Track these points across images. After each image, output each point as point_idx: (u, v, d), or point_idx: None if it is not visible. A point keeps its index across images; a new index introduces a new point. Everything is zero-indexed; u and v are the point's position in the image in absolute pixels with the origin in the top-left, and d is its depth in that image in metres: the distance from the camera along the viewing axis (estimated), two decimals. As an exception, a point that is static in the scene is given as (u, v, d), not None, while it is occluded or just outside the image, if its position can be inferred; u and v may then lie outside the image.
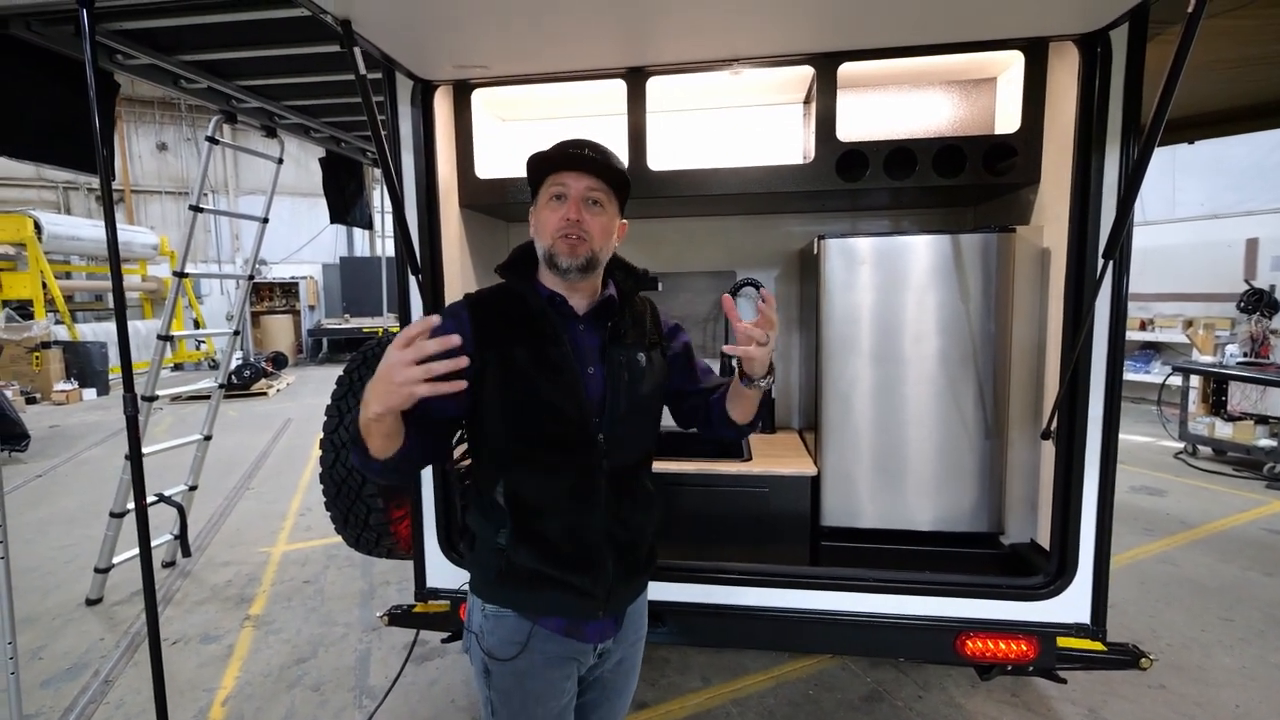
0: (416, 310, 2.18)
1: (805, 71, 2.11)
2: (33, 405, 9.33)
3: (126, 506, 3.42)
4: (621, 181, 1.26)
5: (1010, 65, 2.23)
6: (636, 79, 2.10)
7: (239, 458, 6.50)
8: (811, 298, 2.49)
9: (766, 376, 1.27)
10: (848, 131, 2.14)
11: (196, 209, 3.56)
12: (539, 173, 1.26)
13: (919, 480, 2.26)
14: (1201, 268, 7.97)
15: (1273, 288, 6.31)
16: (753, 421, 1.39)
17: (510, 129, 2.78)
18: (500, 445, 1.27)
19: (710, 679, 2.75)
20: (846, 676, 2.75)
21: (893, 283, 2.22)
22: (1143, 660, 1.92)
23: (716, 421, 1.41)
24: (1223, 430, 5.73)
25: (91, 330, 11.19)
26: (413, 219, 2.12)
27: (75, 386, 9.75)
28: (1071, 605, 1.95)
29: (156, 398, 3.44)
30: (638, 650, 1.45)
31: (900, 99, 2.50)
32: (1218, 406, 5.87)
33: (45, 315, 10.23)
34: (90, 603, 3.52)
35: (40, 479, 5.91)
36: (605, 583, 1.28)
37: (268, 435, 7.51)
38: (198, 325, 13.08)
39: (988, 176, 2.08)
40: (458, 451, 1.86)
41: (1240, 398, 5.67)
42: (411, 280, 2.13)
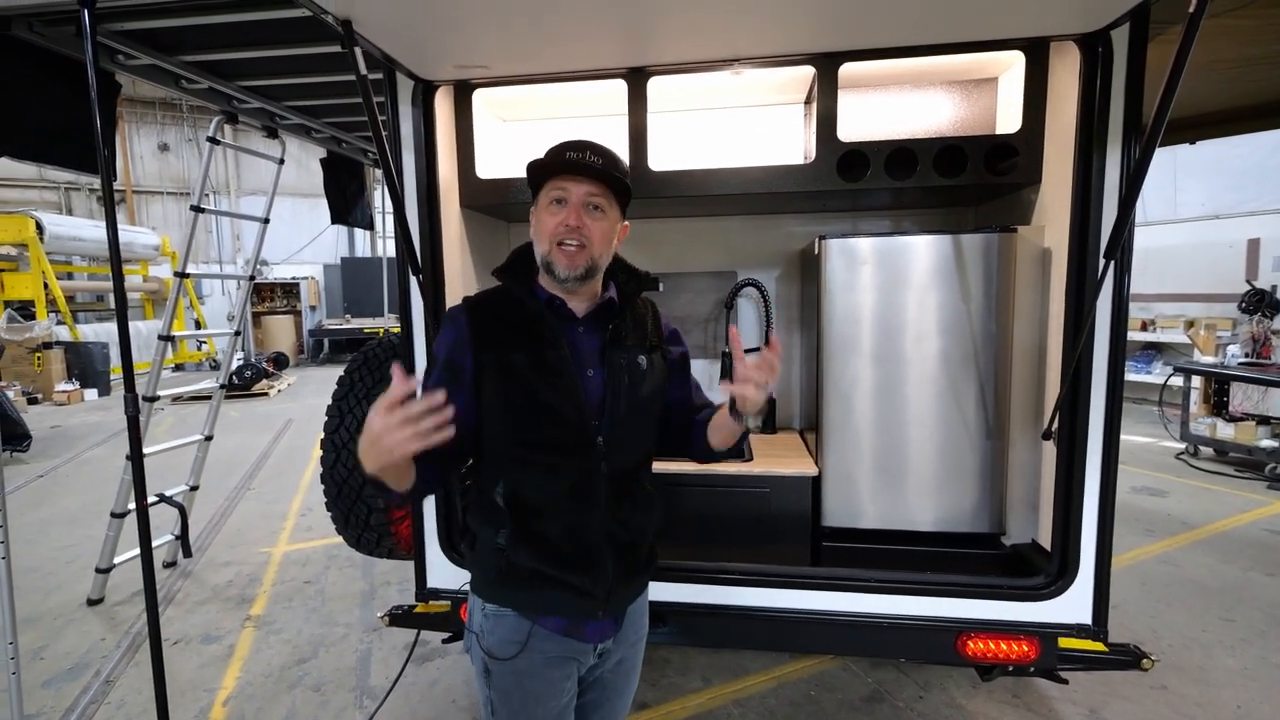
0: (417, 310, 2.18)
1: (806, 71, 2.11)
2: (34, 405, 9.35)
3: (128, 507, 3.42)
4: (622, 186, 1.25)
5: (1011, 65, 2.23)
6: (637, 79, 2.10)
7: (240, 458, 6.51)
8: (812, 298, 2.49)
9: (757, 415, 1.26)
10: (849, 131, 2.13)
11: (198, 209, 3.57)
12: (540, 175, 1.26)
13: (920, 481, 2.26)
14: (1203, 268, 7.97)
15: (1274, 288, 6.30)
16: (730, 450, 1.39)
17: (511, 129, 2.78)
18: (500, 447, 1.27)
19: (711, 679, 2.75)
20: (847, 677, 2.75)
21: (894, 283, 2.21)
22: (1144, 661, 1.92)
23: (694, 441, 1.42)
24: (1224, 431, 5.73)
25: (93, 331, 11.20)
26: (414, 219, 2.12)
27: (77, 387, 9.77)
28: (1073, 606, 1.94)
29: (158, 398, 3.44)
30: (638, 651, 1.44)
31: (901, 99, 2.49)
32: (1219, 407, 5.86)
33: (47, 316, 10.24)
34: (91, 603, 3.52)
35: (42, 479, 5.92)
36: (605, 583, 1.28)
37: (269, 436, 7.52)
38: (199, 326, 13.09)
39: (989, 176, 2.08)
40: None
41: (1242, 398, 5.67)
42: (412, 280, 2.13)
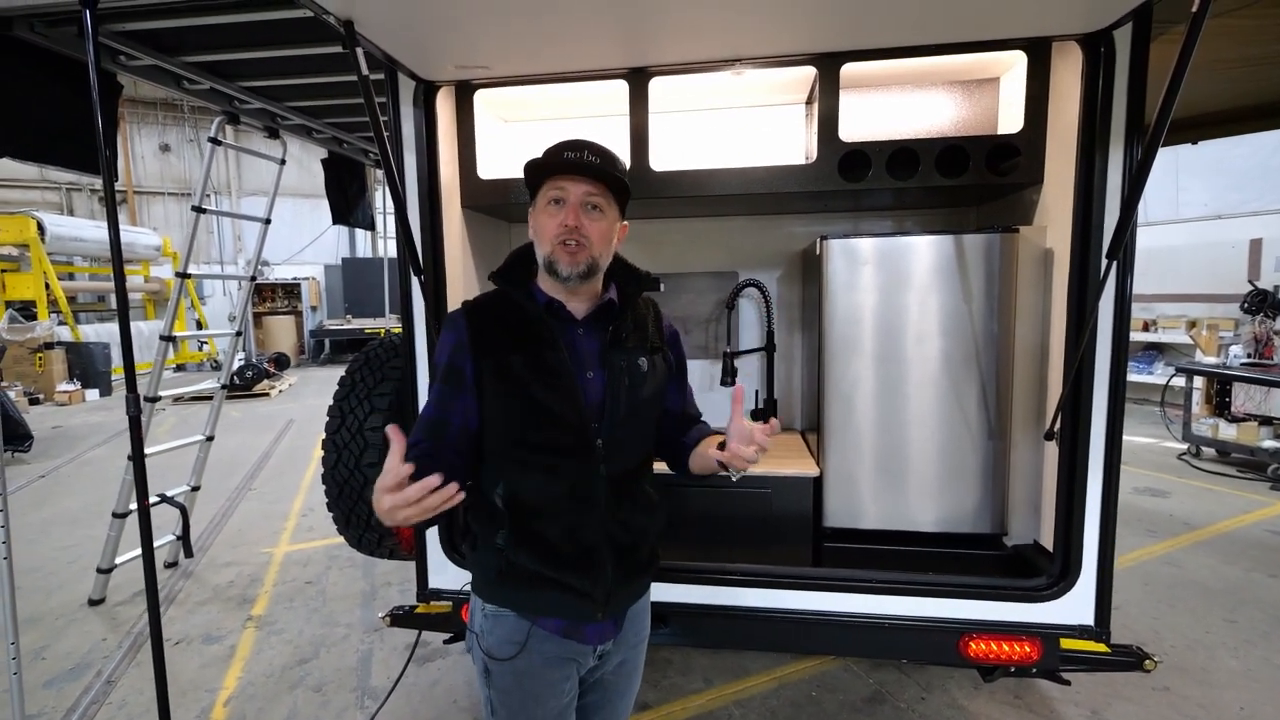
0: (419, 311, 2.18)
1: (807, 72, 2.11)
2: (36, 406, 9.36)
3: (129, 507, 3.43)
4: (621, 185, 1.24)
5: (1013, 65, 2.22)
6: (638, 79, 2.10)
7: (241, 458, 6.51)
8: (814, 298, 2.49)
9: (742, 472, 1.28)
10: (850, 132, 2.13)
11: (199, 210, 3.57)
12: (537, 176, 1.24)
13: (922, 481, 2.26)
14: (1205, 268, 7.96)
15: (1276, 288, 6.28)
16: (702, 478, 1.41)
17: (512, 130, 2.78)
18: (500, 449, 1.27)
19: (712, 680, 2.75)
20: (849, 678, 2.74)
21: (895, 283, 2.21)
22: (1147, 662, 1.91)
23: (677, 458, 1.44)
24: (1226, 431, 5.72)
25: (94, 331, 11.21)
26: (415, 220, 2.12)
27: (78, 387, 9.78)
28: (1075, 607, 1.94)
29: (159, 398, 3.44)
30: (640, 652, 1.44)
31: (903, 99, 2.49)
32: (1221, 408, 5.85)
33: (48, 316, 10.25)
34: (93, 603, 3.52)
35: (43, 479, 5.93)
36: (604, 585, 1.27)
37: (270, 436, 7.52)
38: (200, 326, 13.10)
39: (991, 177, 2.08)
40: None
41: (1244, 399, 5.66)
42: (414, 281, 2.13)
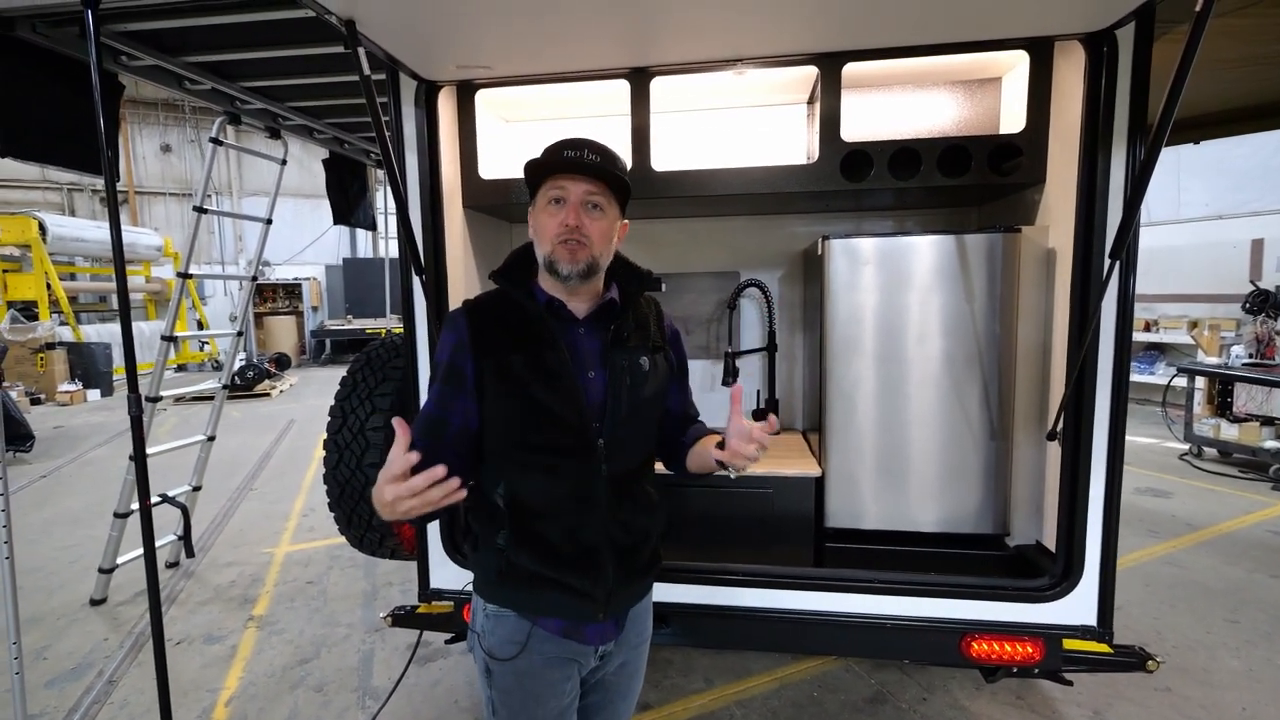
0: (420, 311, 2.18)
1: (809, 71, 2.11)
2: (37, 406, 9.37)
3: (130, 507, 3.43)
4: (621, 184, 1.24)
5: (1015, 65, 2.22)
6: (640, 79, 2.10)
7: (242, 458, 6.52)
8: (815, 298, 2.48)
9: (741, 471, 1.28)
10: (852, 132, 2.13)
11: (200, 210, 3.57)
12: (537, 175, 1.24)
13: (923, 481, 2.25)
14: (1206, 268, 7.95)
15: (1278, 288, 6.27)
16: (701, 476, 1.41)
17: (514, 130, 2.78)
18: (500, 449, 1.27)
19: (714, 680, 2.75)
20: (850, 678, 2.74)
21: (897, 283, 2.21)
22: (1149, 663, 1.91)
23: (675, 456, 1.44)
24: (1228, 432, 5.71)
25: (96, 331, 11.23)
26: (416, 220, 2.12)
27: (79, 387, 9.79)
28: (1077, 607, 1.94)
29: (160, 399, 3.44)
30: (641, 653, 1.43)
31: (904, 99, 2.49)
32: (1223, 408, 5.84)
33: (50, 316, 10.27)
34: (94, 603, 3.52)
35: (45, 479, 5.93)
36: (605, 585, 1.27)
37: (271, 436, 7.52)
38: (201, 326, 13.11)
39: (993, 176, 2.08)
40: None
41: (1246, 399, 5.65)
42: (415, 281, 2.13)
